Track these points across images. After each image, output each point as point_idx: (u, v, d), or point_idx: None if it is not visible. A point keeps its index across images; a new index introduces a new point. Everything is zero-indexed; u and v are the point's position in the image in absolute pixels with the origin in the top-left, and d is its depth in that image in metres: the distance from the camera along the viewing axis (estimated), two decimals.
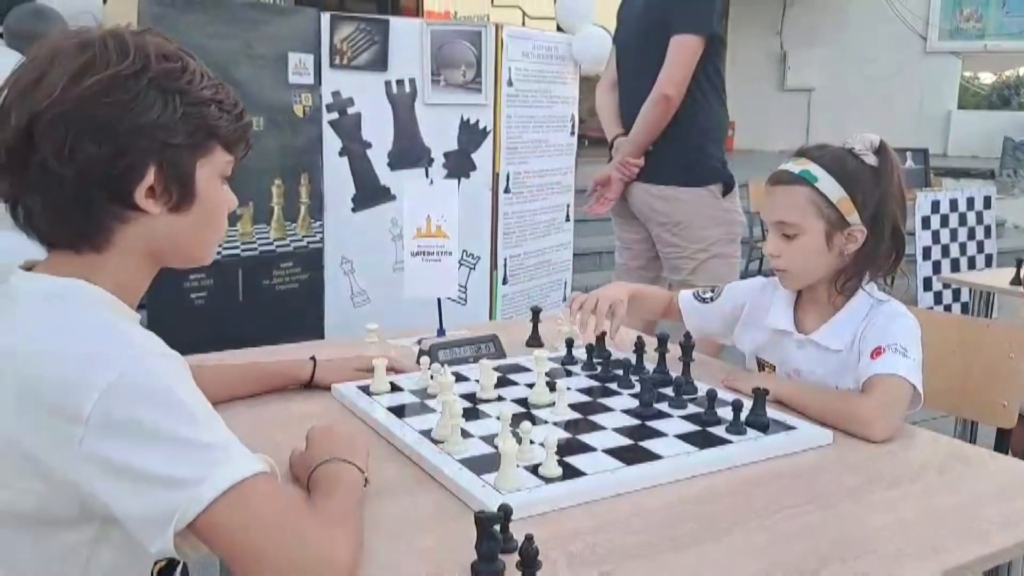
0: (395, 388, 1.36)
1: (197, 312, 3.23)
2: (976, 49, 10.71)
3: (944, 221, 4.71)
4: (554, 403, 1.28)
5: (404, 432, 1.18)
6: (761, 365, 1.54)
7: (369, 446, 1.08)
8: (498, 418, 1.13)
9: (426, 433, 1.17)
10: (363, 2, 8.43)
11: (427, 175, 3.75)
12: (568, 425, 1.23)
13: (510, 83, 3.97)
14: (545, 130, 4.21)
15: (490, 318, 4.07)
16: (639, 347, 1.47)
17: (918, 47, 10.61)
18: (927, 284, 4.56)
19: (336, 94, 3.60)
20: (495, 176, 3.97)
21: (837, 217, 1.36)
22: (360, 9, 4.72)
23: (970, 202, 4.86)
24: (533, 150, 4.15)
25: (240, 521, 0.78)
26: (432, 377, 1.33)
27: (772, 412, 1.28)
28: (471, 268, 3.99)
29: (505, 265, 4.12)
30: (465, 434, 1.15)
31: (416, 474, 1.10)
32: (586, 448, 1.15)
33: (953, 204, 4.77)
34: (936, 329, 1.75)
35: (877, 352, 1.29)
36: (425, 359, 1.37)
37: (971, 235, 4.79)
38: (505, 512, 0.87)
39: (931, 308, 4.62)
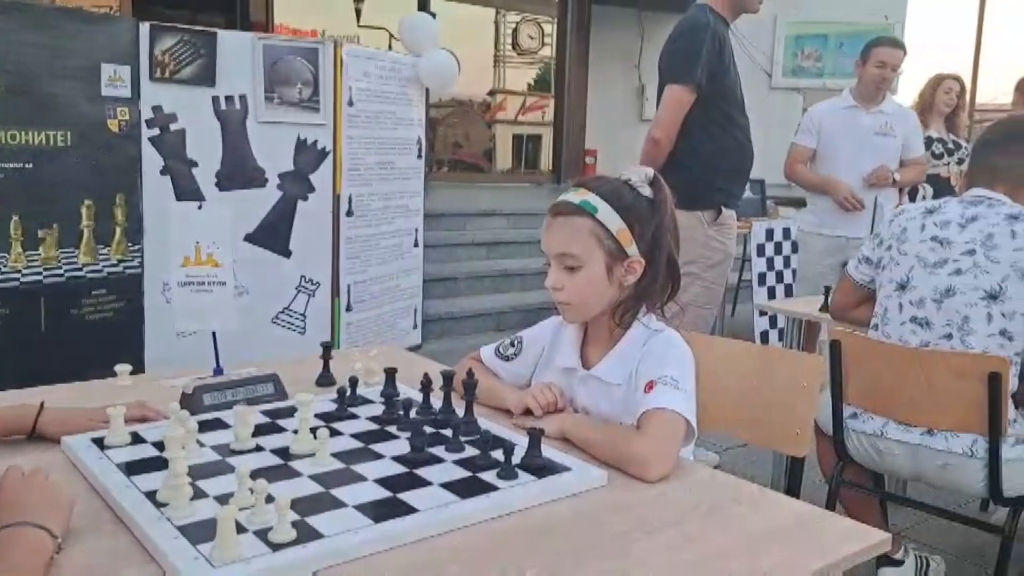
0: (137, 439, 1.21)
1: None
2: (816, 86, 11.43)
3: (778, 248, 4.92)
4: (315, 452, 1.17)
5: (123, 494, 1.03)
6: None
7: (75, 504, 0.94)
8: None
9: (152, 495, 1.03)
10: (213, 17, 8.10)
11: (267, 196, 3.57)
12: (326, 477, 1.12)
13: (351, 103, 3.85)
14: (390, 152, 4.11)
15: (333, 347, 3.91)
16: (425, 385, 1.38)
17: (764, 83, 11.23)
18: (762, 311, 4.74)
19: (157, 109, 3.37)
20: (336, 198, 3.83)
21: (617, 248, 1.33)
22: (210, 24, 4.48)
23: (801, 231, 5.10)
24: (377, 173, 4.04)
25: None
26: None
27: (554, 452, 1.22)
28: (310, 295, 3.82)
29: (349, 291, 3.97)
30: (198, 494, 1.02)
31: (131, 544, 0.96)
32: (336, 504, 1.04)
33: (786, 232, 4.99)
34: (735, 358, 1.75)
35: (650, 386, 1.26)
36: (175, 405, 1.23)
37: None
38: None
39: (765, 332, 4.81)
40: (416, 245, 4.38)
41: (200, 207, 1.44)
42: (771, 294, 4.89)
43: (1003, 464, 1.89)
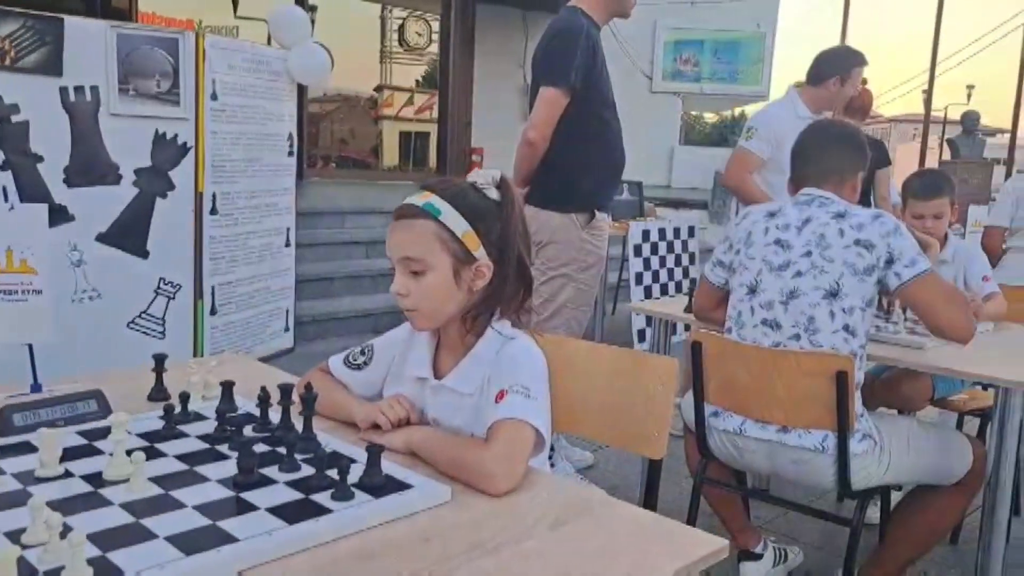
0: None
1: None
2: (694, 90, 11.84)
3: (654, 249, 5.03)
4: (130, 478, 1.07)
5: None
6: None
7: None
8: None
9: None
10: (71, 3, 7.60)
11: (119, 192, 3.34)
12: (139, 505, 1.03)
13: (215, 96, 3.67)
14: (258, 148, 3.94)
15: (195, 353, 3.71)
16: (263, 400, 1.30)
17: (645, 87, 11.52)
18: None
19: None
20: (198, 196, 3.64)
21: (464, 252, 1.29)
22: (67, 11, 4.12)
23: (676, 231, 5.24)
24: (244, 169, 3.87)
25: None
26: None
27: (397, 469, 1.16)
28: (170, 297, 3.61)
29: (213, 294, 3.78)
30: None
31: None
32: (145, 536, 0.95)
33: (661, 233, 5.11)
34: (598, 361, 1.74)
35: (500, 395, 1.23)
36: None
37: (677, 262, 5.16)
38: None
39: (642, 330, 4.91)
40: (288, 244, 4.23)
41: (11, 208, 1.30)
42: (647, 293, 4.99)
43: (851, 459, 1.96)
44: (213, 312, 3.77)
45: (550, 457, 2.98)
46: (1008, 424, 1.98)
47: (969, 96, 27.76)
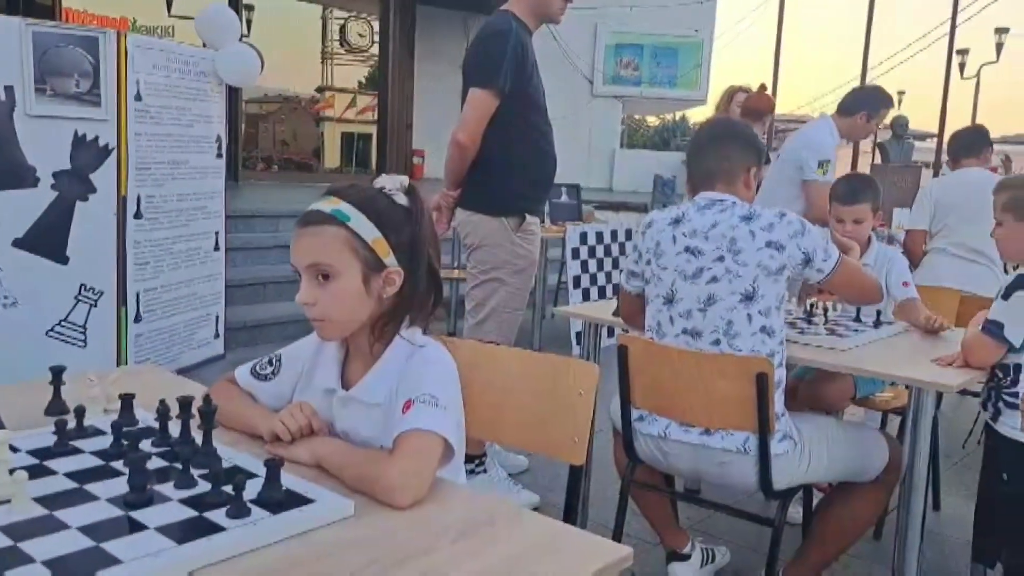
0: None
1: None
2: (635, 94, 11.97)
3: (591, 252, 5.06)
4: (12, 498, 1.02)
5: None
6: None
7: None
8: None
9: None
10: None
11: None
12: (19, 528, 0.98)
13: (138, 97, 3.57)
14: (185, 150, 3.84)
15: (119, 362, 3.60)
16: (162, 413, 1.25)
17: (587, 90, 11.61)
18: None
19: None
20: (121, 199, 3.53)
21: (374, 259, 1.26)
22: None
23: (614, 234, 5.28)
24: (170, 172, 3.77)
25: None
26: None
27: (299, 483, 1.13)
28: (91, 304, 3.50)
29: (138, 300, 3.67)
30: None
31: None
32: (21, 560, 0.90)
33: (599, 236, 5.14)
34: (520, 367, 1.72)
35: (407, 405, 1.20)
36: None
37: (615, 265, 5.20)
38: None
39: (580, 332, 4.92)
40: (217, 248, 4.13)
41: None
42: (585, 296, 5.02)
43: (772, 459, 1.99)
44: (138, 319, 3.66)
45: (482, 464, 2.97)
46: (921, 422, 2.03)
47: (900, 101, 28.69)
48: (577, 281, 4.96)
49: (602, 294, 5.09)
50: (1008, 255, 2.25)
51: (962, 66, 19.00)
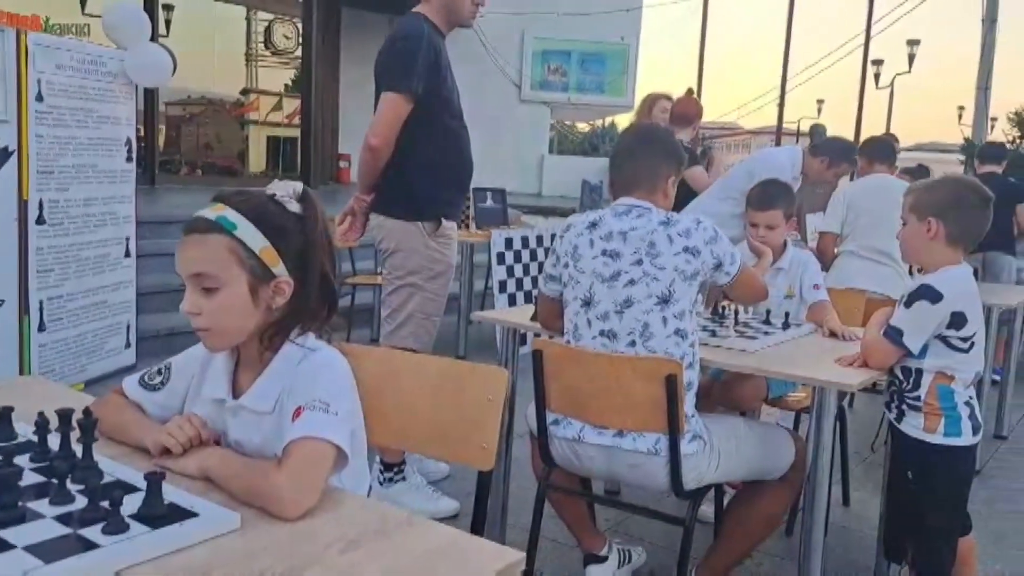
0: None
1: None
2: (562, 100, 12.08)
3: (517, 257, 5.07)
4: None
5: None
6: None
7: None
8: None
9: None
10: None
11: None
12: None
13: (40, 97, 3.42)
14: (92, 153, 3.70)
15: (21, 372, 3.44)
16: (41, 426, 1.19)
17: (514, 95, 11.66)
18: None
19: None
20: (23, 204, 3.38)
21: (262, 268, 1.23)
22: None
23: (540, 239, 5.30)
24: (76, 176, 3.62)
25: None
26: None
27: (183, 496, 1.09)
28: None
29: (41, 309, 3.52)
30: None
31: None
32: None
33: (524, 241, 5.15)
34: (427, 374, 1.71)
35: (297, 412, 1.17)
36: None
37: (541, 269, 5.21)
38: None
39: None
40: (128, 255, 3.99)
41: None
42: (512, 301, 5.02)
43: (682, 459, 2.02)
44: (42, 328, 3.50)
45: (401, 471, 2.94)
46: (824, 421, 2.09)
47: (819, 110, 29.68)
48: (503, 286, 4.96)
49: (528, 299, 5.10)
50: (908, 255, 2.33)
51: (877, 76, 19.81)
